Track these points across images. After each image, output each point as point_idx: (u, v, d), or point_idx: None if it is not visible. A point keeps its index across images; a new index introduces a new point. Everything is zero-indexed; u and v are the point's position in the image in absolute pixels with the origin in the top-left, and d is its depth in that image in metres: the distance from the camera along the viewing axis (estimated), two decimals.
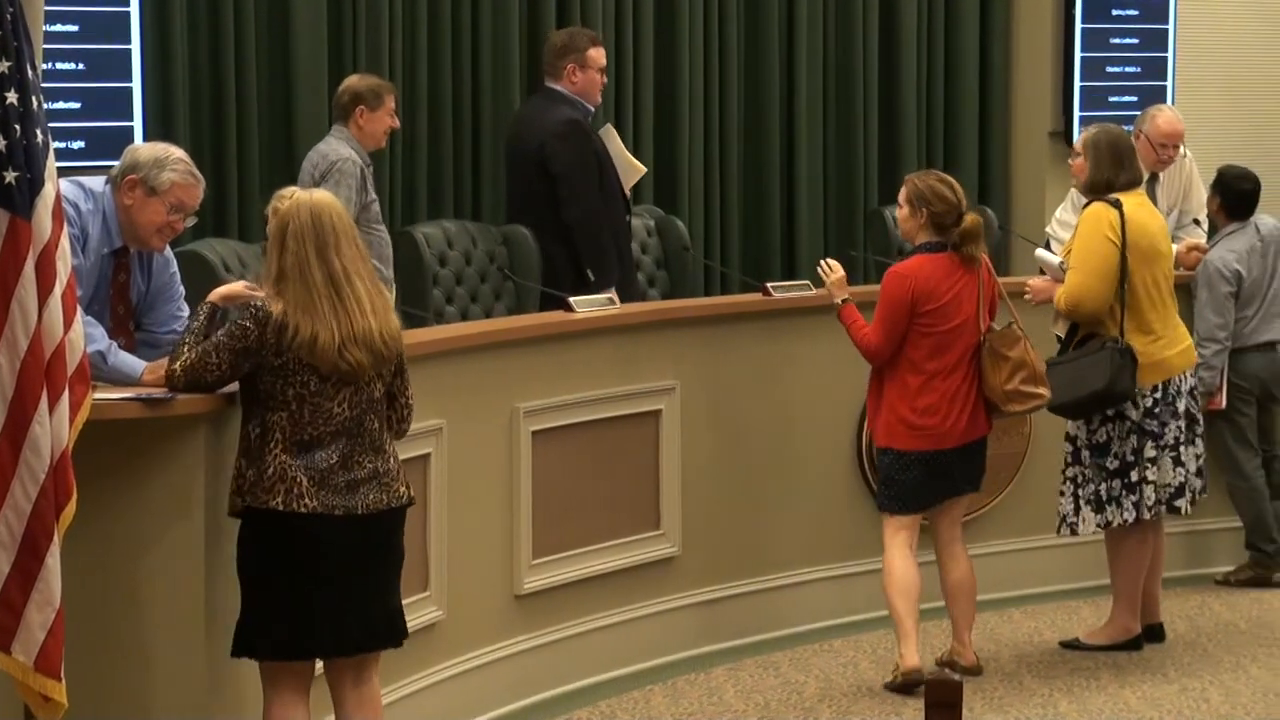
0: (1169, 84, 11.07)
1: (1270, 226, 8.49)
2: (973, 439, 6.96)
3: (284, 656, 5.19)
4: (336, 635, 5.21)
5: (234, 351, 5.12)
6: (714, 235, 10.15)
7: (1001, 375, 6.90)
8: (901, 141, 10.66)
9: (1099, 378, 7.11)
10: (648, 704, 6.98)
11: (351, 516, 5.17)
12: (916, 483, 6.93)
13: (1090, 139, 7.42)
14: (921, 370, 6.89)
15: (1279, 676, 7.19)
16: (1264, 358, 8.40)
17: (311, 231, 5.16)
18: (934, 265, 6.91)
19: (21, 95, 4.71)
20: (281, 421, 5.12)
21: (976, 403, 6.94)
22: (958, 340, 6.90)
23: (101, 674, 5.14)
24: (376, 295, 5.22)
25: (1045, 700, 6.93)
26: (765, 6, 10.23)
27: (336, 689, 5.32)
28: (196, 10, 8.57)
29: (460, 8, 9.28)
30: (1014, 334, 6.96)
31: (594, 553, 7.21)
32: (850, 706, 6.92)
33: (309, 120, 8.75)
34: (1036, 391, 6.96)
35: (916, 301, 6.86)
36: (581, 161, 8.07)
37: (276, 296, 5.14)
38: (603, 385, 7.19)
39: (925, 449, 6.90)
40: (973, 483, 7.09)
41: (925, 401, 6.88)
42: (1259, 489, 8.43)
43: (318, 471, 5.14)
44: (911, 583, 6.92)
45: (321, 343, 5.10)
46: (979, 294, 6.94)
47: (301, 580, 5.15)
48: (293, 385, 5.12)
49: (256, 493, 5.10)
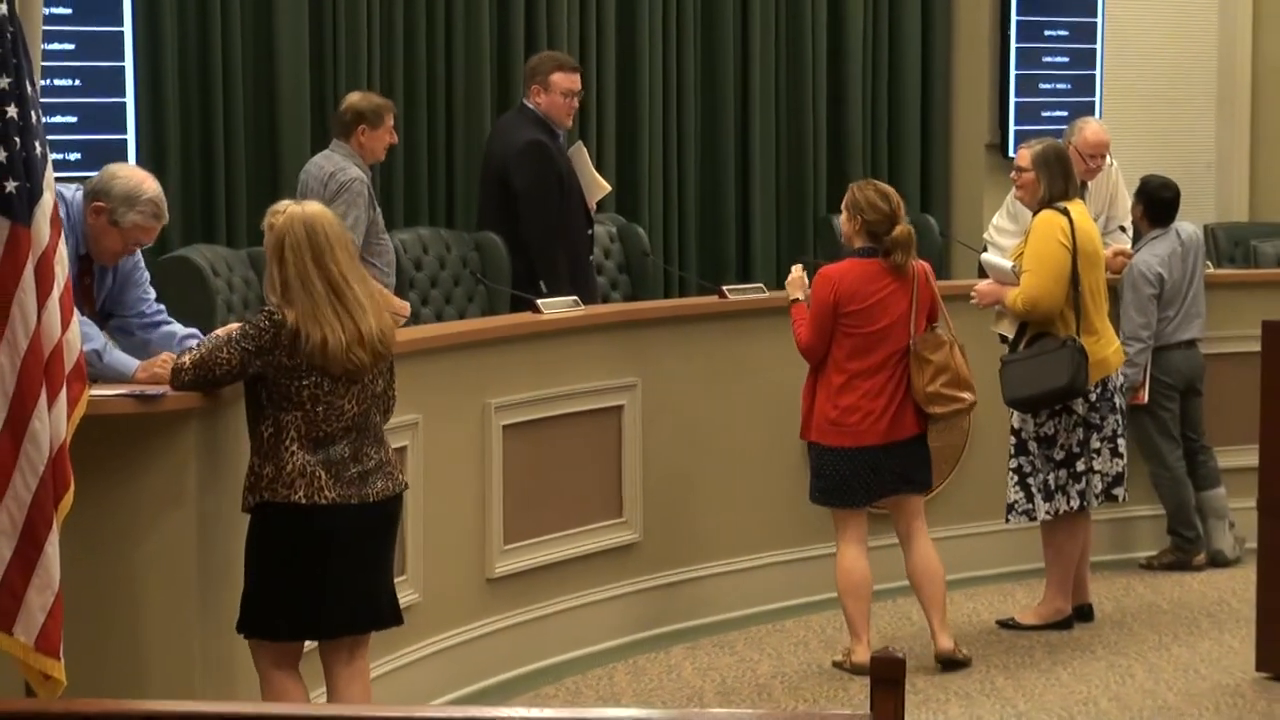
0: (1096, 99, 11.11)
1: (1189, 232, 8.52)
2: (897, 439, 6.83)
3: (302, 637, 5.28)
4: (350, 615, 5.29)
5: (245, 350, 5.11)
6: (673, 242, 10.15)
7: (924, 377, 6.81)
8: (848, 154, 10.68)
9: (1061, 375, 7.12)
10: (611, 681, 6.98)
11: (365, 505, 5.23)
12: (841, 478, 6.85)
13: (1038, 156, 7.40)
14: (843, 369, 6.81)
15: (1198, 653, 7.22)
16: (1185, 354, 8.43)
17: (307, 243, 5.16)
18: (862, 269, 6.85)
19: (21, 109, 4.70)
20: (296, 420, 5.13)
21: (903, 403, 6.83)
22: (882, 342, 6.81)
23: (98, 654, 5.12)
24: (368, 297, 5.23)
25: (983, 676, 6.94)
26: (720, 28, 10.24)
27: (331, 665, 5.37)
28: (186, 29, 8.57)
29: (435, 30, 9.27)
30: (938, 338, 6.88)
31: (561, 539, 7.20)
32: (801, 683, 6.93)
33: (292, 132, 8.75)
34: (958, 395, 6.85)
35: (839, 302, 6.79)
36: (540, 181, 8.03)
37: (287, 305, 5.13)
38: (569, 382, 7.19)
39: (846, 445, 6.81)
40: (910, 481, 6.93)
41: (846, 400, 6.80)
42: (1180, 479, 8.46)
43: (333, 465, 5.17)
44: (859, 582, 6.87)
45: (331, 346, 5.11)
46: (912, 299, 6.86)
47: (319, 566, 5.19)
48: (306, 386, 5.13)
49: (276, 488, 5.12)
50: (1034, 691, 6.78)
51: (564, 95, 8.10)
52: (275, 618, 5.22)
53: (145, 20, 8.32)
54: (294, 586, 5.19)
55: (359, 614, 5.31)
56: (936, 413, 6.87)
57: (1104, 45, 11.11)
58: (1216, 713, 6.54)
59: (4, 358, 4.64)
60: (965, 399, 6.89)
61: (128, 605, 5.21)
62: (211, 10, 8.60)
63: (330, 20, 8.93)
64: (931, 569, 6.96)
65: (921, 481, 7.01)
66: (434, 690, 6.57)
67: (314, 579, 5.19)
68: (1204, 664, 7.08)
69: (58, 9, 7.87)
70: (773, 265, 10.39)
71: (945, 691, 6.75)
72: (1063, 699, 6.69)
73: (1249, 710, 6.56)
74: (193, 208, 8.67)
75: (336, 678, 5.35)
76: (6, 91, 4.68)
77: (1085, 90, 11.08)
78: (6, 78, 4.68)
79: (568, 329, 7.23)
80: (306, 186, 7.52)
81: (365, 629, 5.37)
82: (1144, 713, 6.55)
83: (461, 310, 8.39)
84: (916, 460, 6.95)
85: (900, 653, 3.16)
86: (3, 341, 4.64)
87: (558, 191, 8.07)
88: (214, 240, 8.36)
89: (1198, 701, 6.66)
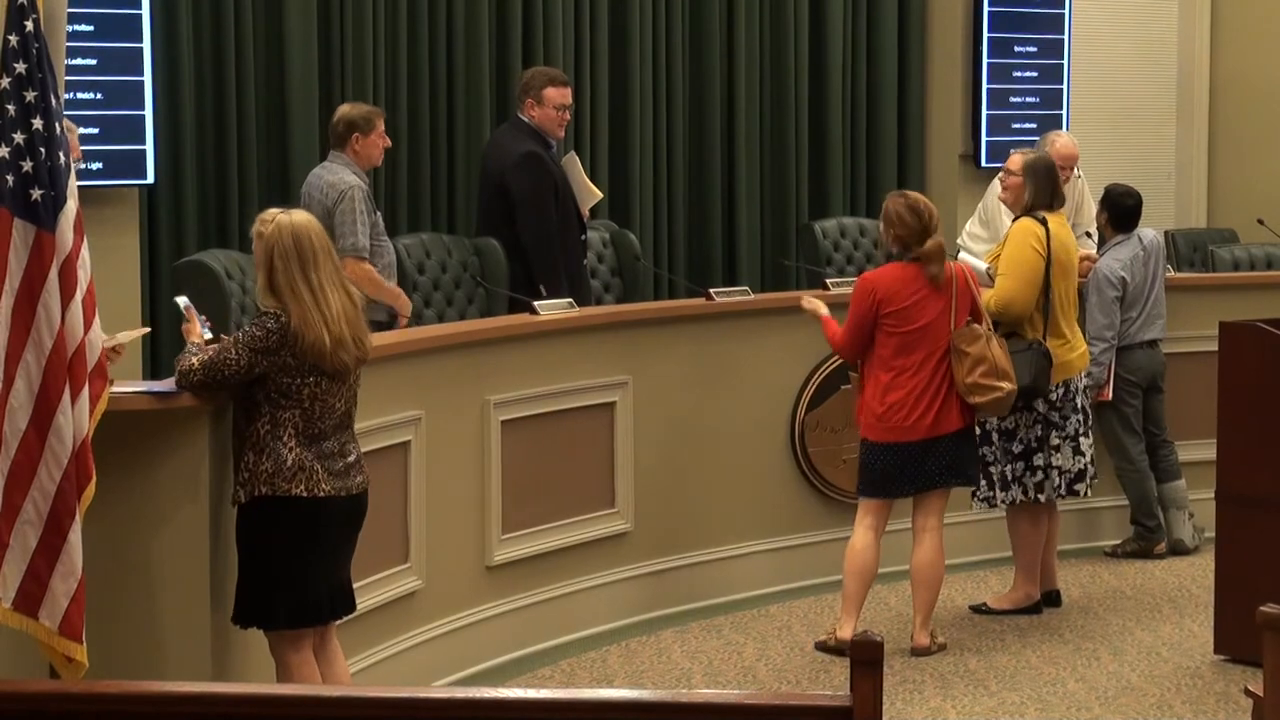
0: (1064, 112, 11.11)
1: (1150, 238, 8.52)
2: (941, 433, 6.80)
3: (302, 624, 5.25)
4: (334, 602, 5.33)
5: (253, 350, 5.10)
6: (662, 246, 10.15)
7: (963, 369, 6.80)
8: (829, 164, 10.67)
9: (1024, 375, 7.11)
10: (604, 663, 6.98)
11: (350, 497, 5.25)
12: (885, 472, 6.83)
13: (1030, 165, 7.42)
14: (890, 366, 6.78)
15: (1160, 637, 7.22)
16: (1148, 353, 8.43)
17: (294, 252, 5.15)
18: (900, 273, 6.83)
19: (46, 122, 4.70)
20: (294, 418, 5.13)
21: (947, 399, 6.80)
22: (923, 340, 6.79)
23: (118, 638, 5.12)
24: (348, 303, 5.23)
25: (957, 658, 6.94)
26: (707, 45, 10.23)
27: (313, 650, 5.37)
28: (202, 46, 8.58)
29: (436, 47, 9.26)
30: (974, 331, 6.85)
31: (557, 529, 7.20)
32: (785, 664, 6.93)
33: (302, 142, 8.74)
34: (996, 384, 6.81)
35: (879, 304, 6.79)
36: (536, 190, 8.02)
37: (284, 308, 5.14)
38: (564, 380, 7.18)
39: (892, 441, 6.80)
40: (956, 473, 6.88)
41: (893, 397, 6.77)
42: (1143, 471, 8.47)
43: (326, 459, 5.18)
44: (865, 564, 6.86)
45: (326, 347, 5.12)
46: (952, 299, 6.83)
47: (314, 555, 5.20)
48: (307, 384, 5.14)
49: (277, 482, 5.11)
50: (1005, 673, 6.78)
51: (556, 109, 8.08)
52: (274, 606, 5.20)
53: (163, 38, 8.32)
54: (293, 575, 5.18)
55: (339, 601, 5.35)
56: (978, 402, 6.83)
57: (1071, 61, 11.11)
58: (1178, 693, 6.55)
59: (30, 356, 4.64)
60: (1004, 388, 6.86)
61: (145, 592, 5.21)
62: (225, 28, 8.60)
63: (338, 38, 8.93)
64: (934, 573, 6.93)
65: (970, 475, 6.98)
66: (436, 672, 6.56)
67: (309, 567, 5.20)
68: (1165, 647, 7.08)
69: (81, 26, 7.85)
70: (757, 268, 10.40)
71: (921, 673, 6.75)
72: (1032, 680, 6.70)
73: (1207, 691, 6.56)
74: (208, 214, 8.66)
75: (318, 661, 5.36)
76: (33, 105, 4.68)
77: (1053, 103, 11.08)
78: (33, 91, 4.68)
79: (563, 330, 7.22)
80: (309, 198, 7.50)
81: (346, 614, 5.42)
82: (1109, 693, 6.56)
83: (462, 312, 8.38)
84: (963, 455, 6.91)
85: (879, 636, 3.16)
86: (29, 341, 4.65)
87: (553, 198, 8.06)
88: (228, 245, 8.34)
89: (1160, 683, 6.66)
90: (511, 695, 3.28)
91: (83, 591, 4.74)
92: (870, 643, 3.12)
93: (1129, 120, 12.03)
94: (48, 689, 3.66)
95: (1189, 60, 11.90)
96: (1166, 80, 12.01)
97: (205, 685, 4.38)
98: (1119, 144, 11.88)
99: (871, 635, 3.15)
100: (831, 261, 9.69)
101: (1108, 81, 11.98)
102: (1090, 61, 11.61)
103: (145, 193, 8.36)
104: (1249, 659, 6.34)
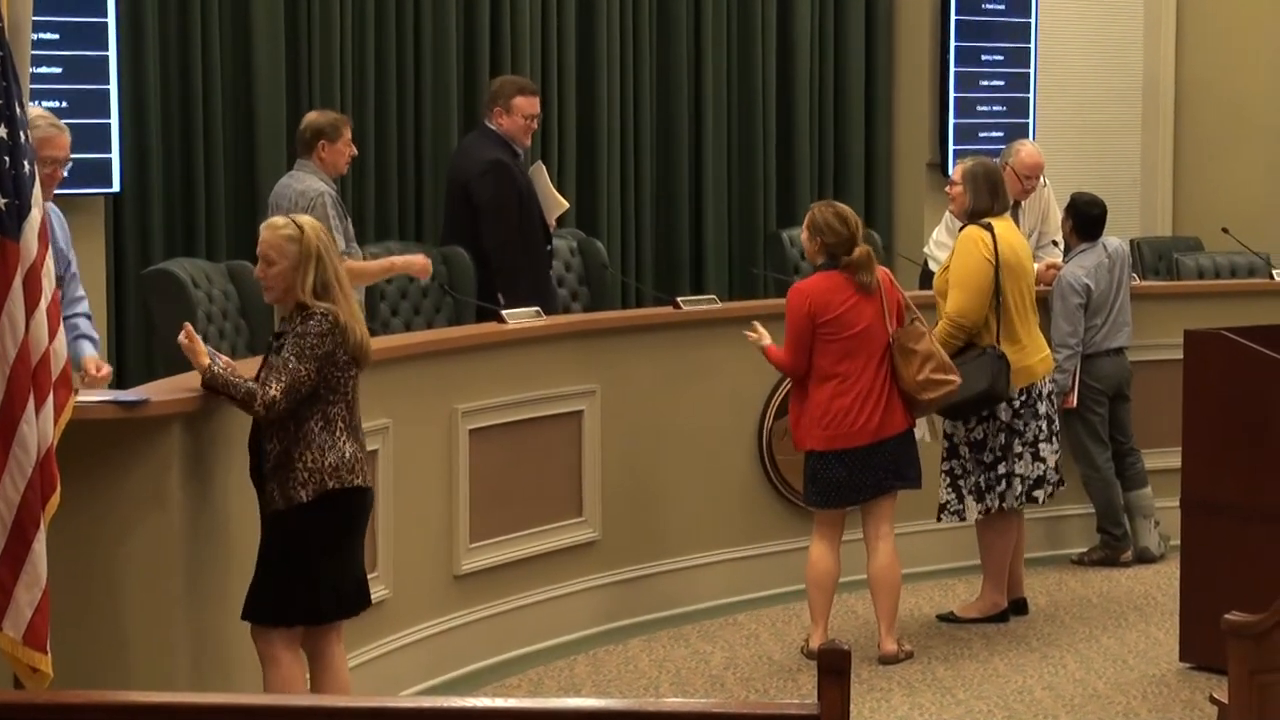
0: (1030, 121, 11.16)
1: (1115, 245, 8.55)
2: (887, 435, 6.83)
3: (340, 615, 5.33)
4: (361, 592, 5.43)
5: (318, 359, 5.18)
6: (630, 255, 10.15)
7: (913, 368, 6.82)
8: (796, 172, 10.69)
9: (982, 380, 7.13)
10: (572, 672, 6.97)
11: (370, 489, 5.41)
12: (835, 480, 6.84)
13: (968, 171, 7.45)
14: (832, 374, 6.79)
15: (1126, 644, 7.25)
16: (1113, 361, 8.46)
17: (329, 249, 5.27)
18: (830, 281, 6.87)
19: (10, 129, 4.67)
20: (341, 412, 5.24)
21: (890, 400, 6.82)
22: (863, 345, 6.81)
23: (85, 648, 5.09)
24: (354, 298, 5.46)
25: (924, 667, 6.95)
26: (674, 54, 10.25)
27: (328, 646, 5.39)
28: (168, 54, 8.56)
29: (404, 55, 9.26)
30: (917, 330, 6.89)
31: (524, 537, 7.19)
32: (752, 673, 6.93)
33: (269, 151, 8.72)
34: (947, 378, 6.87)
35: (814, 313, 6.82)
36: (499, 197, 8.02)
37: (332, 304, 5.21)
38: (532, 388, 7.18)
39: (839, 448, 6.81)
40: (902, 477, 6.91)
41: (840, 404, 6.78)
42: (1109, 479, 8.49)
43: (363, 451, 5.32)
44: (824, 575, 6.88)
45: (366, 339, 5.29)
46: (882, 303, 6.86)
47: (352, 547, 5.34)
48: (351, 378, 5.27)
49: (342, 475, 5.20)
50: (973, 681, 6.80)
51: (525, 118, 8.09)
52: (296, 601, 5.23)
53: (129, 46, 8.30)
54: (338, 568, 5.27)
55: (364, 591, 5.45)
56: (930, 398, 6.86)
57: (1037, 70, 11.15)
58: (1143, 700, 6.57)
59: None
60: (954, 380, 6.91)
61: (112, 601, 5.18)
62: (192, 36, 8.58)
63: (305, 45, 8.92)
64: (891, 578, 6.94)
65: (912, 477, 6.98)
66: (404, 681, 6.55)
67: (349, 559, 5.32)
68: (1131, 655, 7.11)
69: (46, 34, 7.83)
70: (725, 277, 10.41)
71: (889, 681, 6.76)
72: (999, 688, 6.71)
73: (1173, 698, 6.59)
74: (174, 223, 8.64)
75: (333, 658, 5.37)
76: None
77: (1020, 112, 11.12)
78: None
79: (531, 338, 7.22)
80: (278, 207, 7.47)
81: (366, 607, 5.49)
82: (1075, 700, 6.58)
83: (429, 320, 8.38)
84: (907, 456, 6.94)
85: (846, 645, 3.17)
86: None
87: (517, 207, 8.06)
88: (194, 254, 8.33)
89: (1126, 690, 6.68)
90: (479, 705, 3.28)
91: (47, 601, 4.71)
92: (837, 651, 3.13)
93: (1095, 129, 12.09)
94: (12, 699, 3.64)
95: (1154, 69, 11.97)
96: (1132, 89, 12.07)
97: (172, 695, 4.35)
98: (1085, 152, 11.93)
99: (839, 644, 3.16)
100: (799, 270, 9.69)
101: (1074, 90, 12.04)
102: (1056, 70, 11.67)
103: (111, 201, 8.34)
104: (1214, 666, 6.35)
